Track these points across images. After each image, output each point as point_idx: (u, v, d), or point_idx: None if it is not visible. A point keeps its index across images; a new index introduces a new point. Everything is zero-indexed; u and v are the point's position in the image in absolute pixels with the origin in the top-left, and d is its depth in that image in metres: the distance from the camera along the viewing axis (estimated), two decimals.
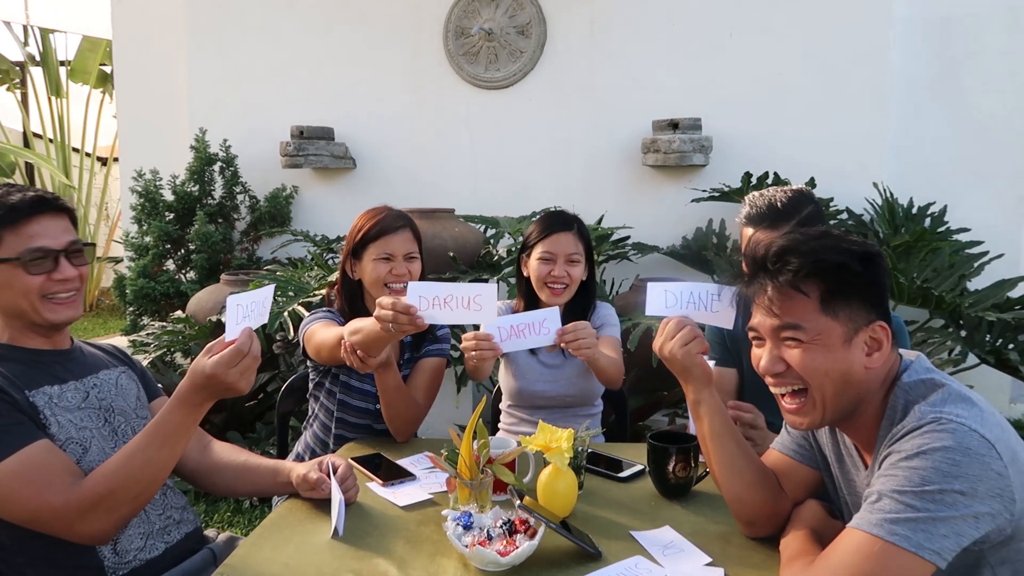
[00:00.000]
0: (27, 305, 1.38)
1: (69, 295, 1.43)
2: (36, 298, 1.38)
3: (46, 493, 1.26)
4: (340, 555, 1.30)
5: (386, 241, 1.94)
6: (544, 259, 2.08)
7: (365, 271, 1.95)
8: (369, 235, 1.95)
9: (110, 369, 1.55)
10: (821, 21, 3.77)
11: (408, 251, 1.97)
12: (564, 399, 2.13)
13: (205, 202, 4.34)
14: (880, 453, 1.10)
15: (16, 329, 1.42)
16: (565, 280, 2.07)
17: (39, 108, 7.79)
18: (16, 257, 1.36)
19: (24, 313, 1.40)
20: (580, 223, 2.16)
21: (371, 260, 1.94)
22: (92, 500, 1.27)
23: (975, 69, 3.81)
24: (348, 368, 1.97)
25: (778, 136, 3.84)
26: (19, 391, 1.33)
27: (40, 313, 1.40)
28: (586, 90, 4.09)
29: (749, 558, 1.28)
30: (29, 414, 1.32)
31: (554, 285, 2.07)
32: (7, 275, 1.37)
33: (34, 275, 1.38)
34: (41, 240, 1.38)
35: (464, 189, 4.23)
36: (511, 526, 1.27)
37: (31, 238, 1.37)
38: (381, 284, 1.93)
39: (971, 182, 3.82)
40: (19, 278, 1.37)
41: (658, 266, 3.89)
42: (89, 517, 1.28)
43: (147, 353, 3.43)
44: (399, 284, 1.91)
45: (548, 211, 2.18)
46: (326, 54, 4.41)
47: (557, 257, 2.07)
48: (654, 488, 1.57)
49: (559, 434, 1.44)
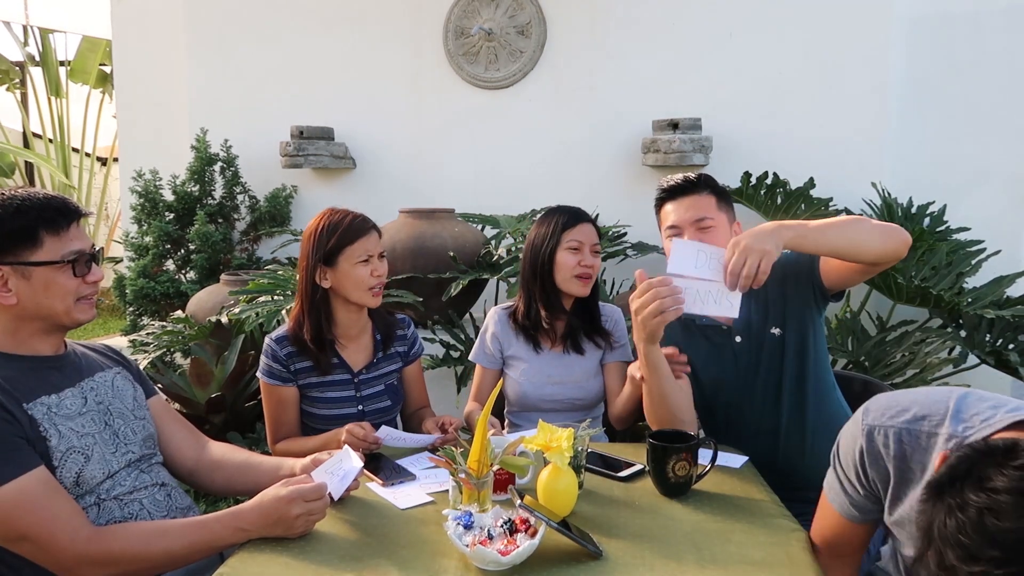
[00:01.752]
0: (62, 307, 1.41)
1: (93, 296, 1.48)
2: (72, 300, 1.42)
3: (53, 529, 1.28)
4: (341, 555, 1.30)
5: (364, 242, 1.91)
6: (573, 248, 2.05)
7: (344, 277, 1.89)
8: (345, 238, 1.89)
9: (105, 371, 1.55)
10: (821, 21, 3.77)
11: (381, 250, 1.96)
12: (572, 402, 2.11)
13: (205, 202, 4.34)
14: None
15: (28, 333, 1.42)
16: (592, 271, 2.06)
17: (39, 108, 7.79)
18: (60, 260, 1.39)
19: (54, 315, 1.41)
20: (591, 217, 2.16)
21: (352, 264, 1.89)
22: (103, 555, 1.31)
23: (975, 69, 3.81)
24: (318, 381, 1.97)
25: (778, 136, 3.84)
26: (16, 404, 1.33)
27: (71, 314, 1.43)
28: (586, 90, 4.09)
29: (749, 557, 1.28)
30: (27, 429, 1.32)
31: (584, 275, 2.05)
32: (48, 277, 1.39)
33: (77, 276, 1.42)
34: (77, 244, 1.42)
35: (464, 189, 4.22)
36: (512, 525, 1.27)
37: (71, 242, 1.41)
38: (366, 288, 1.90)
39: (971, 182, 3.82)
40: (61, 280, 1.40)
41: (658, 266, 3.88)
42: (94, 568, 1.31)
43: (147, 353, 3.42)
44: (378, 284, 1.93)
45: (551, 208, 2.16)
46: (326, 54, 4.41)
47: (585, 246, 2.05)
48: (654, 487, 1.57)
49: (559, 433, 1.44)
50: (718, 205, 1.81)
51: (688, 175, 1.85)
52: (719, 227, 1.79)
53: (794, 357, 1.80)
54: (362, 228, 1.92)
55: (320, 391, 1.97)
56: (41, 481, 1.30)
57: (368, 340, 2.03)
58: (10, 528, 1.27)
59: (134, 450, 1.51)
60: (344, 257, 1.89)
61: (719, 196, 1.82)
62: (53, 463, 1.35)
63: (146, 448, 1.55)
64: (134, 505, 1.45)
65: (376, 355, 2.03)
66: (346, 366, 1.98)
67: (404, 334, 2.09)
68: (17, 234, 1.37)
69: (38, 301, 1.39)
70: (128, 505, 1.44)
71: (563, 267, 2.05)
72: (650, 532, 1.38)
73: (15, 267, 1.37)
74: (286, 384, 1.95)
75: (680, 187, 1.83)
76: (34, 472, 1.29)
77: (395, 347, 2.07)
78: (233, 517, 1.34)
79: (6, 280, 1.37)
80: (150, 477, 1.52)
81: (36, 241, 1.38)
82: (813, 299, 1.78)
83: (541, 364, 2.12)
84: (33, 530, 1.27)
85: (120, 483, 1.45)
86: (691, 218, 1.79)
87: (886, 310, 3.49)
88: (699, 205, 1.80)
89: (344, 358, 1.99)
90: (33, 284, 1.38)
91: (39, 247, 1.38)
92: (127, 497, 1.45)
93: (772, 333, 1.80)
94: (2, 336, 1.40)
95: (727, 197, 1.86)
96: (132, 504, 1.45)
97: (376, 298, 1.94)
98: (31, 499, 1.27)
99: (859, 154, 3.77)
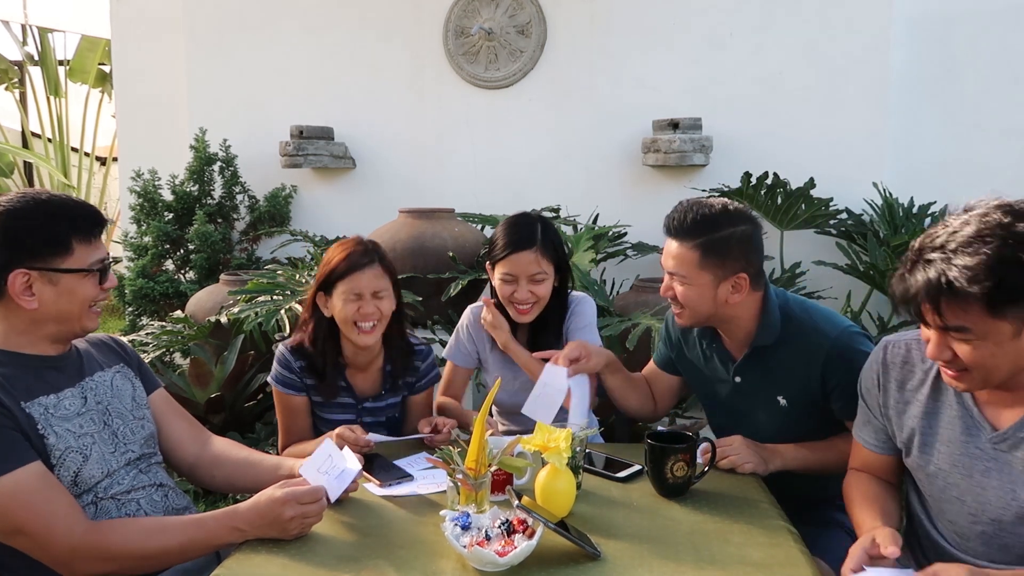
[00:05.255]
0: (77, 313, 1.42)
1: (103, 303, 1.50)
2: (87, 307, 1.43)
3: (50, 522, 1.28)
4: (338, 556, 1.29)
5: (354, 279, 1.83)
6: (506, 280, 1.96)
7: (336, 308, 1.86)
8: (336, 272, 1.85)
9: (104, 370, 1.55)
10: (821, 21, 3.77)
11: (376, 289, 1.84)
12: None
13: (204, 202, 4.34)
14: None
15: (39, 336, 1.42)
16: (530, 300, 1.95)
17: (38, 108, 7.78)
18: (88, 268, 1.41)
19: (72, 320, 1.43)
20: (546, 232, 1.98)
21: (339, 298, 1.85)
22: (100, 550, 1.31)
23: (975, 69, 3.80)
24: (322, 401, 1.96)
25: (778, 136, 3.84)
26: (15, 402, 1.33)
27: (82, 321, 1.44)
28: (586, 90, 4.08)
29: (749, 557, 1.28)
30: (25, 426, 1.32)
31: (520, 306, 1.97)
32: (74, 284, 1.40)
33: (100, 285, 1.44)
34: (101, 252, 1.45)
35: (464, 189, 4.22)
36: (509, 526, 1.26)
37: (97, 251, 1.44)
38: (351, 323, 1.85)
39: (971, 182, 3.81)
40: (85, 287, 1.42)
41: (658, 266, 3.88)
42: (87, 561, 1.31)
43: (146, 353, 3.42)
44: (367, 323, 1.84)
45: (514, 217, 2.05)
46: (326, 54, 4.40)
47: (519, 278, 1.94)
48: (652, 488, 1.57)
49: (556, 434, 1.44)
50: (701, 263, 1.64)
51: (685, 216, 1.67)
52: (695, 285, 1.65)
53: (789, 423, 1.74)
54: (355, 265, 1.84)
55: (324, 412, 1.96)
56: (37, 475, 1.29)
57: (377, 371, 1.97)
58: (6, 521, 1.27)
59: (134, 449, 1.51)
60: (337, 291, 1.85)
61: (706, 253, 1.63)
62: (51, 461, 1.35)
63: (145, 448, 1.55)
64: (131, 505, 1.45)
65: (384, 387, 1.98)
66: (352, 392, 1.95)
67: (417, 366, 2.00)
68: (49, 241, 1.38)
69: (59, 307, 1.40)
70: (125, 505, 1.44)
71: (500, 294, 2.00)
72: (648, 533, 1.38)
73: (43, 272, 1.37)
74: (298, 393, 1.92)
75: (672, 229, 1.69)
76: (31, 466, 1.29)
77: (404, 379, 1.99)
78: (229, 517, 1.34)
79: (31, 284, 1.37)
80: (148, 477, 1.52)
81: (67, 248, 1.39)
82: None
83: (514, 371, 2.05)
84: (29, 524, 1.27)
85: (118, 482, 1.45)
86: (669, 267, 1.71)
87: (887, 310, 3.49)
88: (679, 257, 1.67)
89: (352, 384, 1.95)
90: (59, 290, 1.39)
91: (69, 254, 1.39)
92: (124, 497, 1.44)
93: (780, 402, 1.74)
94: (12, 335, 1.40)
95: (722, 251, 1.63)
96: (129, 504, 1.45)
97: (364, 336, 1.85)
98: (27, 493, 1.27)
99: (859, 154, 3.76)
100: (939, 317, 1.17)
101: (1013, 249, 1.11)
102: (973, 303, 1.13)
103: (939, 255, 1.15)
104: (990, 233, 1.13)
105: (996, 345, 1.16)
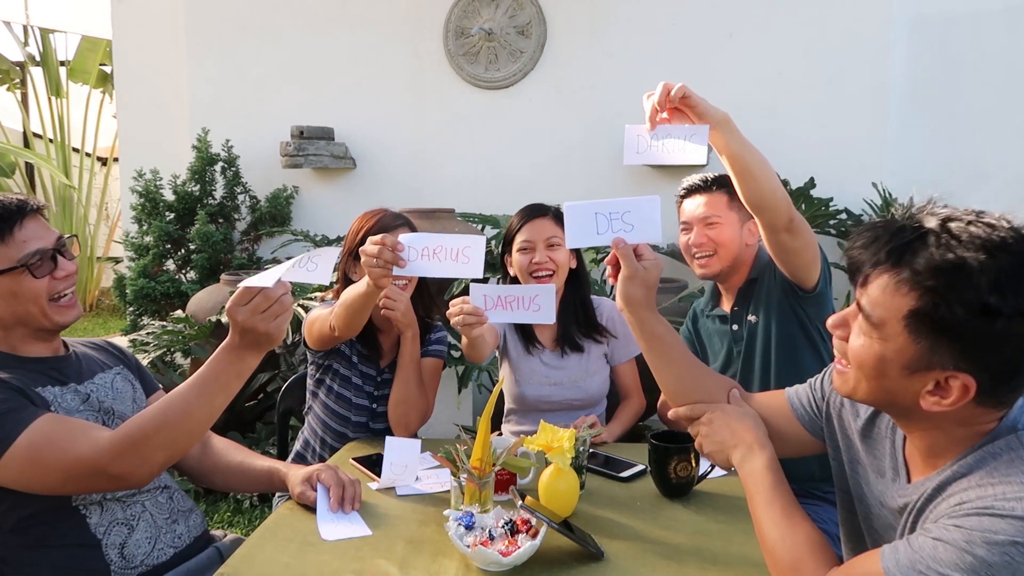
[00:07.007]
0: (36, 310, 1.38)
1: (71, 293, 1.43)
2: (44, 302, 1.38)
3: (73, 446, 1.25)
4: (341, 556, 1.30)
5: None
6: (524, 249, 2.04)
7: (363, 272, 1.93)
8: (367, 236, 1.90)
9: (105, 372, 1.54)
10: (821, 21, 3.77)
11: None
12: (571, 403, 2.10)
13: (206, 202, 4.34)
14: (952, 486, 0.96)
15: (18, 339, 1.41)
16: (549, 266, 2.01)
17: (39, 108, 7.78)
18: (18, 265, 1.35)
19: (32, 319, 1.39)
20: (558, 210, 2.05)
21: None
22: (124, 442, 1.24)
23: (975, 69, 3.81)
24: (348, 362, 1.99)
25: (778, 136, 3.83)
26: (25, 385, 1.33)
27: (49, 317, 1.39)
28: (586, 90, 4.09)
29: (750, 558, 1.28)
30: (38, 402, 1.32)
31: (539, 273, 2.01)
32: (11, 285, 1.35)
33: (40, 278, 1.37)
34: (34, 243, 1.37)
35: (464, 189, 4.22)
36: (513, 526, 1.27)
37: (24, 244, 1.36)
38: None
39: (971, 182, 3.82)
40: (25, 285, 1.36)
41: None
42: (122, 458, 1.24)
43: (147, 353, 3.42)
44: (400, 282, 1.90)
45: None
46: (326, 54, 4.41)
47: (536, 243, 2.03)
48: (655, 488, 1.57)
49: (560, 434, 1.44)
50: (729, 204, 1.93)
51: (706, 176, 1.99)
52: (727, 224, 1.93)
53: (764, 345, 1.89)
54: (386, 227, 1.91)
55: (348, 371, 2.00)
56: (49, 421, 1.28)
57: (395, 338, 2.03)
58: (46, 472, 1.25)
59: None
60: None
61: (732, 196, 1.90)
62: None
63: None
64: (136, 507, 1.45)
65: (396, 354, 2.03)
66: (375, 361, 2.02)
67: (428, 337, 2.06)
68: None
69: (12, 310, 1.37)
70: (130, 507, 1.44)
71: (519, 270, 2.05)
72: (651, 533, 1.38)
73: None
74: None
75: (696, 187, 1.99)
76: (42, 418, 1.27)
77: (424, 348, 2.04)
78: (219, 348, 1.27)
79: None
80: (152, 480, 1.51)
81: None
82: (784, 291, 1.87)
83: (535, 365, 2.11)
84: (63, 461, 1.24)
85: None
86: (700, 216, 1.95)
87: None
88: (710, 203, 1.94)
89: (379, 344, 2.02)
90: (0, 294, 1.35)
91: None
92: (129, 499, 1.44)
93: (750, 320, 1.93)
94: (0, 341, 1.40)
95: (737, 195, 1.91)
96: (135, 506, 1.45)
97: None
98: (47, 438, 1.25)
99: (859, 154, 3.77)
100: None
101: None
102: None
103: None
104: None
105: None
